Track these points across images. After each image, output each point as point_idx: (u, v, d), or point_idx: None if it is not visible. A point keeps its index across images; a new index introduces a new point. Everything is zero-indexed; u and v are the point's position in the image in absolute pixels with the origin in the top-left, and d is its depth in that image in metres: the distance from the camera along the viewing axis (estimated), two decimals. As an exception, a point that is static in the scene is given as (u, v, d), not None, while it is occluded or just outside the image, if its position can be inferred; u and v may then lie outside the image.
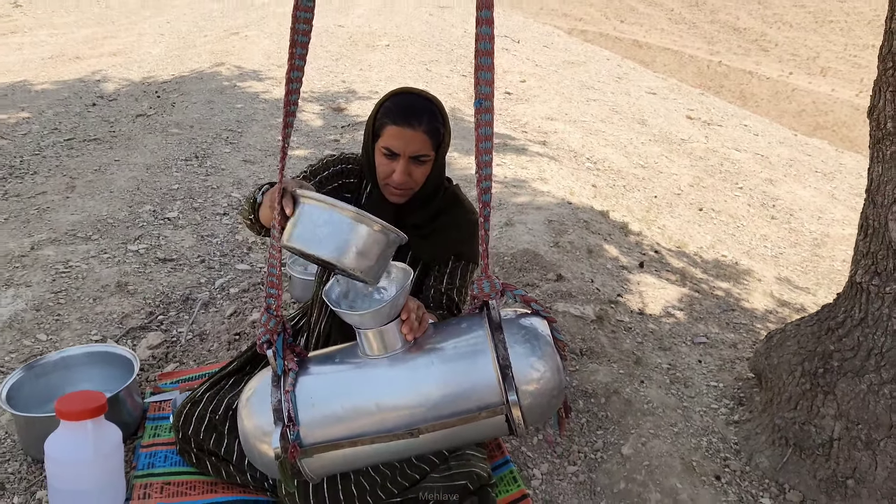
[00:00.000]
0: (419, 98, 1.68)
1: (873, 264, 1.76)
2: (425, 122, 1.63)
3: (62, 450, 1.59)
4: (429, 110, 1.65)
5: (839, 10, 22.34)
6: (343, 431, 1.38)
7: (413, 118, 1.63)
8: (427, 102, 1.67)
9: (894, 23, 1.63)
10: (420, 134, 1.63)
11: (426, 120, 1.63)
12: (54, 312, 2.45)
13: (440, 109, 1.69)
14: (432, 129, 1.64)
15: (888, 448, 1.73)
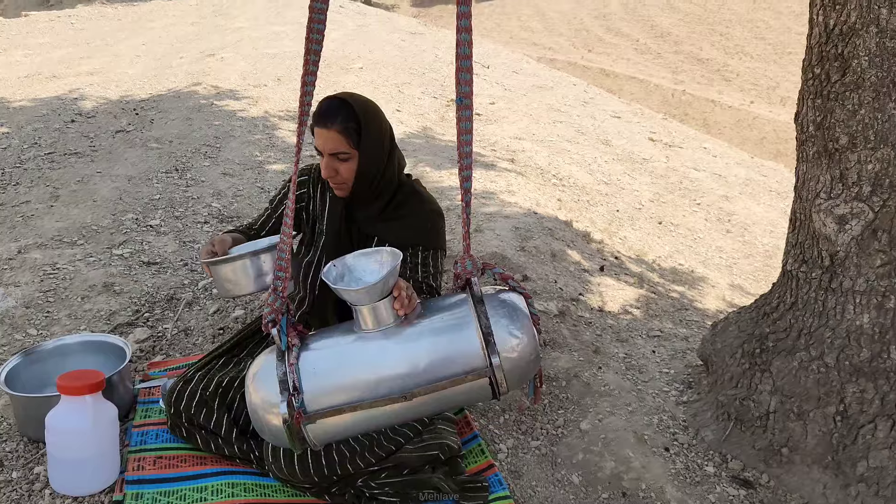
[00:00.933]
0: (336, 101, 1.85)
1: (801, 253, 1.97)
2: (338, 122, 1.81)
3: (63, 421, 1.72)
4: (343, 111, 1.82)
5: (797, 43, 23.17)
6: (344, 398, 1.54)
7: (327, 119, 1.82)
8: (342, 104, 1.83)
9: (813, 39, 1.86)
10: (334, 133, 1.81)
11: (339, 120, 1.81)
12: (44, 309, 2.56)
13: (358, 109, 1.83)
14: (345, 128, 1.80)
15: (817, 418, 1.92)
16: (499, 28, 28.80)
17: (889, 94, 1.73)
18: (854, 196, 1.82)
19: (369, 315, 1.56)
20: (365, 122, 1.83)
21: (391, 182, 1.95)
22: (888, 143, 1.75)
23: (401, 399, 1.53)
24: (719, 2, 26.86)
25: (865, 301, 1.87)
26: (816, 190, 1.89)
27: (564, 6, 29.80)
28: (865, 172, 1.79)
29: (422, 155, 4.65)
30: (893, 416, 1.85)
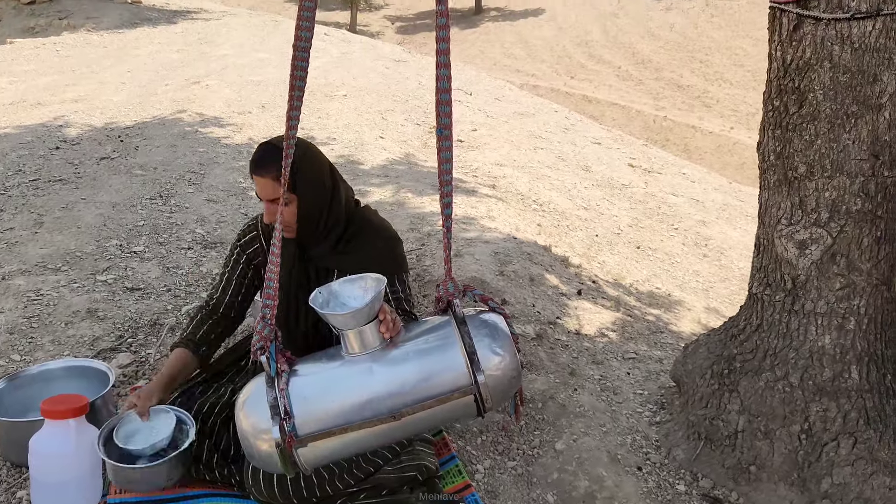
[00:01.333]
0: (269, 147, 1.86)
1: (765, 277, 2.05)
2: (273, 170, 1.80)
3: (46, 445, 1.75)
4: (273, 157, 1.79)
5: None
6: (334, 421, 1.58)
7: (260, 167, 1.84)
8: (276, 150, 1.78)
9: (772, 73, 1.95)
10: (268, 181, 1.83)
11: (273, 168, 1.79)
12: (27, 335, 2.59)
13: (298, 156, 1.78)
14: (278, 176, 1.75)
15: (782, 436, 1.99)
16: (482, 55, 29.22)
17: (843, 126, 1.82)
18: (813, 222, 1.90)
19: (356, 339, 1.62)
20: (300, 167, 1.81)
21: (339, 217, 1.96)
22: (843, 172, 1.84)
23: (390, 419, 1.58)
24: (699, 30, 27.40)
25: (826, 322, 1.94)
26: (778, 216, 1.97)
27: (547, 33, 30.29)
28: (823, 199, 1.88)
29: (404, 181, 4.73)
30: (855, 434, 1.92)
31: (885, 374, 1.97)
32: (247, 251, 2.09)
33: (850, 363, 1.94)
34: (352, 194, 2.06)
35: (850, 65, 1.79)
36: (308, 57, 1.64)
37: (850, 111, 1.81)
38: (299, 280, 2.00)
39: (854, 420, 1.93)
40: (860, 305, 1.92)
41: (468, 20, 34.52)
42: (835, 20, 1.78)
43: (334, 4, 36.01)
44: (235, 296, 2.11)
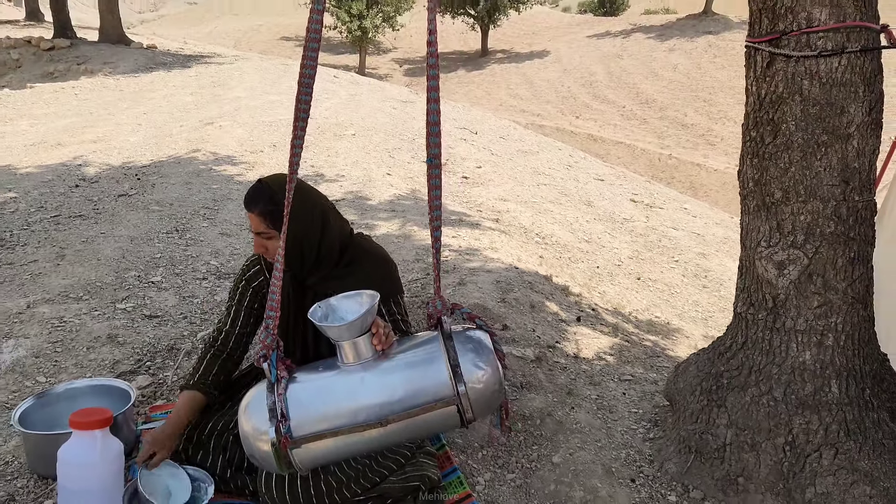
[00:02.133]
0: (259, 186, 2.03)
1: (748, 297, 2.17)
2: (260, 206, 1.99)
3: (74, 454, 1.87)
4: (263, 196, 1.99)
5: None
6: (326, 425, 1.71)
7: (250, 204, 2.02)
8: (263, 189, 1.99)
9: (749, 107, 2.11)
10: (255, 216, 2.01)
11: (260, 204, 1.98)
12: (51, 359, 2.72)
13: (276, 190, 1.97)
14: (265, 212, 1.96)
15: (768, 449, 2.09)
16: (488, 96, 29.72)
17: (814, 154, 1.96)
18: (790, 244, 2.03)
19: (350, 350, 1.75)
20: (279, 206, 1.91)
21: (331, 248, 2.06)
22: (817, 197, 1.98)
23: (378, 425, 1.71)
24: (702, 70, 27.82)
25: (806, 339, 2.06)
26: (757, 239, 2.10)
27: (552, 75, 30.80)
28: (799, 223, 2.01)
29: (410, 215, 4.88)
30: (836, 446, 2.02)
31: (864, 388, 2.07)
32: (252, 284, 2.21)
33: (829, 378, 2.05)
34: (347, 226, 2.18)
35: (819, 98, 1.94)
36: (311, 91, 1.79)
37: (821, 140, 1.95)
38: (297, 306, 2.11)
39: (835, 432, 2.03)
40: (837, 322, 2.04)
41: (474, 62, 35.16)
42: (804, 57, 1.94)
43: (344, 48, 36.78)
44: (245, 327, 2.21)
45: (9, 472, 2.11)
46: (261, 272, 2.21)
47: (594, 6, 51.59)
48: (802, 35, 1.93)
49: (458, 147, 8.01)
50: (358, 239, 2.19)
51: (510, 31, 39.49)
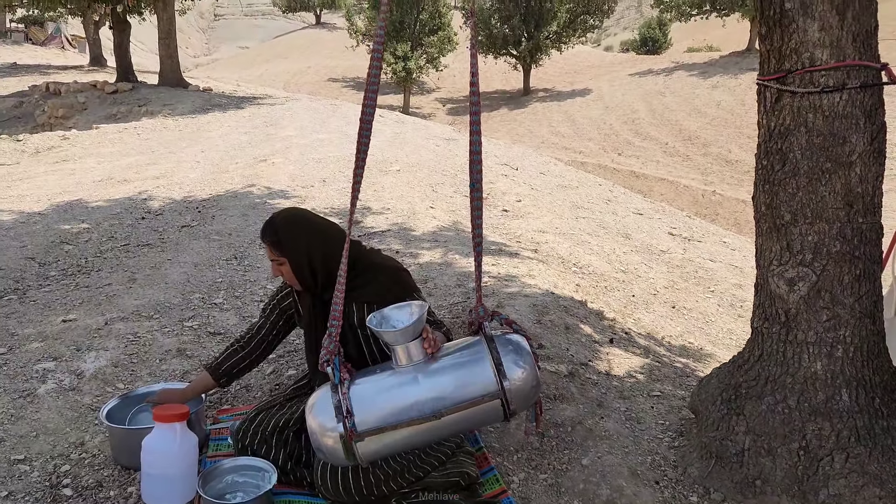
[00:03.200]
0: (268, 222, 2.38)
1: (763, 312, 2.35)
2: (267, 238, 2.34)
3: (156, 443, 2.14)
4: (269, 229, 2.34)
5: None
6: (386, 420, 1.95)
7: (262, 235, 2.37)
8: (268, 225, 2.36)
9: (760, 138, 2.31)
10: (267, 246, 2.35)
11: (267, 236, 2.34)
12: (128, 369, 3.02)
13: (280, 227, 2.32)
14: (273, 242, 2.32)
15: (783, 453, 2.25)
16: (531, 134, 30.06)
17: (819, 180, 2.15)
18: (799, 262, 2.21)
19: (403, 353, 1.99)
20: (281, 236, 2.29)
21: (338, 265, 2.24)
22: (822, 219, 2.17)
23: (432, 418, 1.93)
24: (746, 106, 27.75)
25: (817, 351, 2.23)
26: (770, 258, 2.29)
27: (594, 112, 31.06)
28: (807, 243, 2.20)
29: (452, 245, 5.13)
30: (847, 450, 2.17)
31: (874, 397, 2.22)
32: (281, 305, 2.51)
33: (840, 387, 2.21)
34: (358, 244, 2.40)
35: (823, 129, 2.14)
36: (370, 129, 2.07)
37: (825, 168, 2.14)
38: (318, 318, 2.35)
39: (846, 438, 2.18)
40: (846, 335, 2.20)
41: (517, 101, 35.64)
42: (808, 93, 2.15)
43: (389, 88, 37.64)
44: (266, 336, 2.51)
45: (96, 463, 2.38)
46: (290, 295, 2.50)
47: (636, 45, 51.99)
48: (806, 73, 2.14)
49: (498, 182, 8.27)
50: (367, 254, 2.41)
51: (552, 70, 40.01)
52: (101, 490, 2.25)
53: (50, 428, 2.56)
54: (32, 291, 4.00)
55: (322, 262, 2.30)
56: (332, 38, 54.56)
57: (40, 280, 4.21)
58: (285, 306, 2.50)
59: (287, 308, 2.49)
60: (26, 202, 6.45)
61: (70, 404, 2.72)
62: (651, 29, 50.51)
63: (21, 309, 3.72)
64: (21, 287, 4.08)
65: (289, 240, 2.29)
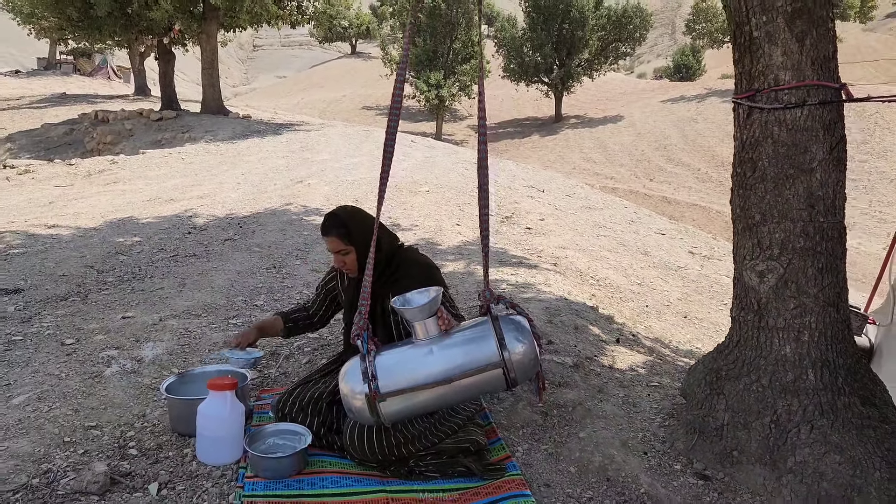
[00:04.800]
0: (330, 216, 2.70)
1: (740, 302, 2.65)
2: (333, 232, 2.67)
3: (210, 409, 2.50)
4: (335, 224, 2.67)
5: (862, 170, 23.62)
6: (406, 384, 2.29)
7: (327, 230, 2.71)
8: (334, 218, 2.68)
9: (735, 149, 2.63)
10: (332, 238, 2.69)
11: (333, 230, 2.67)
12: (181, 356, 3.41)
13: (346, 219, 2.67)
14: (340, 234, 2.64)
15: (757, 427, 2.53)
16: (562, 160, 30.36)
17: (784, 184, 2.46)
18: (768, 257, 2.52)
19: (421, 329, 2.33)
20: (351, 228, 2.64)
21: (384, 257, 2.66)
22: (788, 219, 2.47)
23: (444, 383, 2.27)
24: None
25: (786, 335, 2.52)
26: (743, 254, 2.60)
27: (625, 139, 31.29)
28: (774, 240, 2.50)
29: (475, 257, 5.48)
30: (812, 422, 2.45)
31: (837, 376, 2.50)
32: (327, 286, 3.01)
33: (807, 367, 2.49)
34: (395, 241, 2.79)
35: (787, 140, 2.45)
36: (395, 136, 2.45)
37: (789, 174, 2.46)
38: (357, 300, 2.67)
39: (811, 412, 2.46)
40: (811, 321, 2.49)
41: (548, 128, 36.03)
42: (774, 109, 2.47)
43: (422, 116, 38.36)
44: (318, 309, 3.03)
45: (156, 430, 2.76)
46: (334, 279, 2.97)
47: (670, 72, 52.16)
48: (772, 92, 2.47)
49: (523, 202, 8.62)
50: (404, 251, 2.79)
51: (584, 97, 40.40)
52: (161, 451, 2.61)
53: (116, 402, 2.95)
54: (93, 294, 4.44)
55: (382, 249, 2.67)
56: (366, 68, 55.76)
57: (99, 285, 4.65)
58: (330, 288, 2.96)
59: (332, 290, 2.95)
60: (82, 219, 6.96)
61: (132, 384, 3.11)
62: (685, 56, 50.69)
63: (84, 308, 4.14)
64: (83, 291, 4.52)
65: (358, 231, 2.66)
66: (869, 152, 23.93)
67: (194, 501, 2.31)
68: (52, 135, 18.45)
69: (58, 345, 3.53)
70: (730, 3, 2.57)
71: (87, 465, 2.44)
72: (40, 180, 10.63)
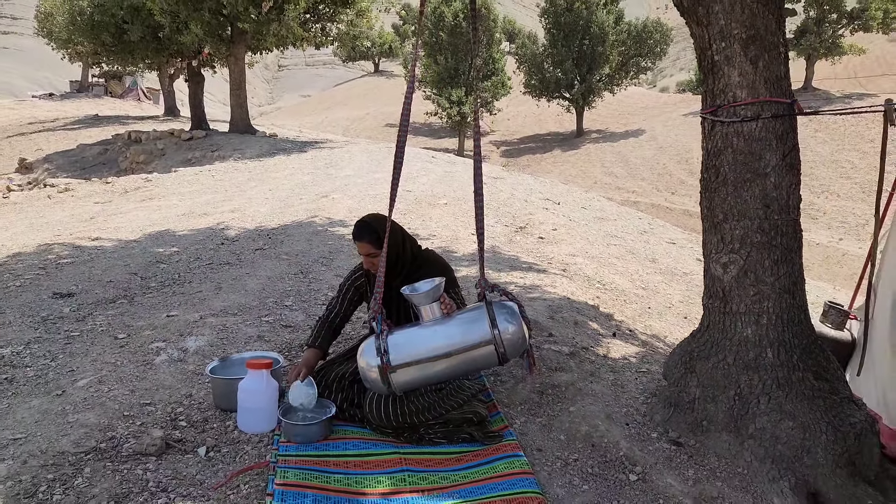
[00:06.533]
0: (362, 224, 3.13)
1: (708, 291, 3.02)
2: (366, 237, 3.08)
3: (250, 384, 2.92)
4: (367, 230, 3.08)
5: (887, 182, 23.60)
6: (413, 357, 2.70)
7: (358, 237, 3.13)
8: (366, 226, 3.09)
9: (703, 157, 3.01)
10: (364, 243, 3.10)
11: (366, 235, 3.08)
12: (220, 348, 3.84)
13: (377, 227, 3.07)
14: (371, 239, 3.06)
15: (723, 399, 2.89)
16: (583, 174, 30.67)
17: (743, 187, 2.84)
18: (730, 250, 2.89)
19: (427, 311, 2.74)
20: (382, 233, 3.04)
21: (407, 260, 3.15)
22: (746, 217, 2.84)
23: (446, 357, 2.68)
24: (803, 144, 27.35)
25: (747, 319, 2.88)
26: (710, 248, 2.97)
27: (647, 152, 31.52)
28: (735, 235, 2.87)
29: (488, 264, 5.87)
30: (769, 394, 2.81)
31: (793, 355, 2.85)
32: (355, 284, 3.36)
33: (766, 347, 2.85)
34: (416, 243, 3.24)
35: (744, 149, 2.83)
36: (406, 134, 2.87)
37: (746, 178, 2.83)
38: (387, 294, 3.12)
39: (770, 385, 2.82)
40: (769, 307, 2.85)
41: (570, 142, 36.37)
42: (733, 122, 2.85)
43: (444, 132, 38.93)
44: (341, 308, 3.36)
45: (202, 407, 3.18)
46: (361, 277, 3.32)
47: (693, 85, 52.27)
48: (731, 107, 2.85)
49: (538, 213, 9.00)
50: (425, 252, 3.23)
51: (605, 111, 40.73)
52: (206, 423, 3.04)
53: (166, 385, 3.38)
54: (139, 297, 4.90)
55: (403, 256, 3.14)
56: (389, 86, 56.67)
57: (143, 290, 5.12)
58: (359, 285, 3.34)
59: (360, 287, 3.33)
60: (122, 232, 7.47)
61: (179, 370, 3.54)
62: (704, 69, 50.64)
63: (132, 309, 4.61)
64: (129, 294, 4.99)
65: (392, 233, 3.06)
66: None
67: (237, 461, 2.73)
68: (87, 155, 19.24)
69: (111, 339, 3.99)
70: (695, 31, 2.96)
71: (145, 432, 2.87)
72: (80, 197, 11.24)
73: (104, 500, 2.45)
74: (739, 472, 2.74)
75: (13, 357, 3.70)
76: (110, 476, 2.59)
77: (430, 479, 2.63)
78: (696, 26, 2.94)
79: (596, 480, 2.67)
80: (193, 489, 2.53)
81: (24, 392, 3.29)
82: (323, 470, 2.63)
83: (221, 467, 2.69)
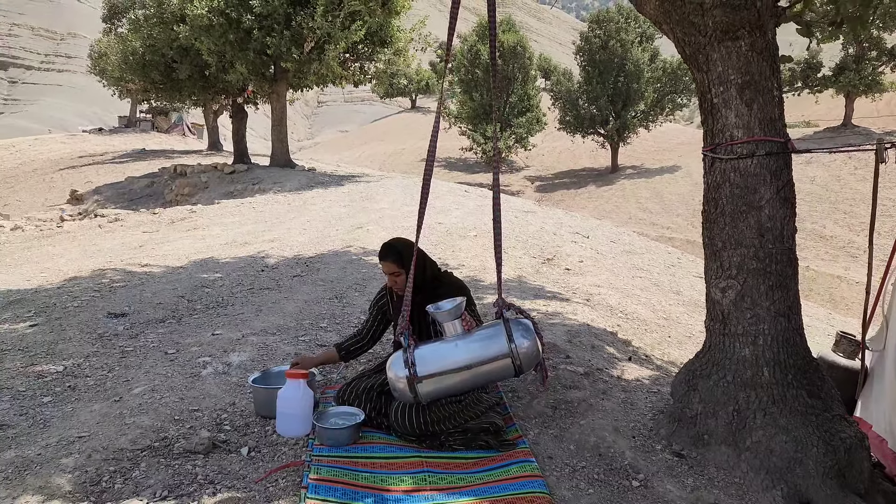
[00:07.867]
0: (387, 246, 3.52)
1: (710, 314, 3.26)
2: (391, 258, 3.46)
3: (288, 392, 3.23)
4: (392, 252, 3.45)
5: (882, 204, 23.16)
6: (438, 369, 2.99)
7: (383, 257, 3.49)
8: (391, 248, 3.47)
9: (704, 191, 3.27)
10: (389, 263, 3.45)
11: (391, 256, 3.45)
12: (261, 363, 4.17)
13: (401, 248, 3.45)
14: (395, 259, 3.42)
15: (723, 415, 3.11)
16: (618, 210, 30.75)
17: (739, 218, 3.09)
18: (728, 276, 3.13)
19: (450, 328, 3.04)
20: (404, 255, 3.40)
21: (428, 279, 3.46)
22: (743, 245, 3.09)
23: (467, 369, 2.96)
24: (842, 182, 27.47)
25: (745, 340, 3.11)
26: (710, 274, 3.22)
27: (682, 189, 31.51)
28: (733, 262, 3.12)
29: (513, 292, 6.15)
30: (765, 410, 3.02)
31: (787, 374, 3.07)
32: (378, 303, 3.70)
33: (762, 366, 3.08)
34: (436, 266, 3.56)
35: (740, 183, 3.09)
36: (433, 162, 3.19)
37: (742, 210, 3.09)
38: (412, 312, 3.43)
39: (766, 402, 3.04)
40: (765, 329, 3.08)
41: (605, 178, 36.51)
42: (730, 159, 3.12)
43: (479, 167, 39.41)
44: (371, 327, 3.70)
45: (245, 413, 3.50)
46: (384, 297, 3.65)
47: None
48: (728, 146, 3.12)
49: (565, 246, 9.26)
50: (445, 275, 3.54)
51: (640, 147, 40.86)
52: (248, 427, 3.35)
53: (212, 394, 3.71)
54: (186, 318, 5.28)
55: (425, 277, 3.46)
56: (426, 121, 57.57)
57: (190, 311, 5.49)
58: (381, 304, 3.67)
59: (383, 306, 3.66)
60: (169, 259, 7.92)
61: (224, 382, 3.87)
62: (741, 106, 50.64)
63: (179, 328, 4.97)
64: (177, 315, 5.36)
65: (409, 258, 3.39)
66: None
67: (275, 459, 3.03)
68: (134, 187, 20.06)
69: (162, 354, 4.35)
70: (696, 77, 3.25)
71: (194, 433, 3.19)
72: (128, 227, 11.81)
73: (159, 490, 2.76)
74: (736, 481, 2.96)
75: (74, 368, 4.07)
76: (163, 469, 2.91)
77: (449, 480, 2.89)
78: (696, 72, 3.23)
79: (601, 485, 2.91)
80: (237, 482, 2.83)
81: (85, 398, 3.65)
82: (352, 469, 2.91)
83: (262, 465, 2.99)
